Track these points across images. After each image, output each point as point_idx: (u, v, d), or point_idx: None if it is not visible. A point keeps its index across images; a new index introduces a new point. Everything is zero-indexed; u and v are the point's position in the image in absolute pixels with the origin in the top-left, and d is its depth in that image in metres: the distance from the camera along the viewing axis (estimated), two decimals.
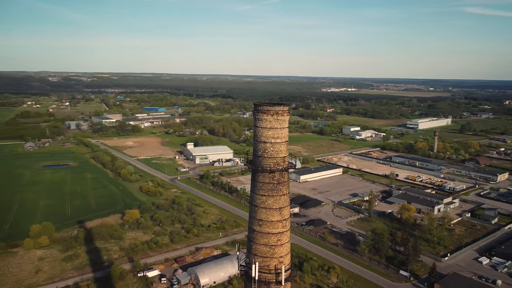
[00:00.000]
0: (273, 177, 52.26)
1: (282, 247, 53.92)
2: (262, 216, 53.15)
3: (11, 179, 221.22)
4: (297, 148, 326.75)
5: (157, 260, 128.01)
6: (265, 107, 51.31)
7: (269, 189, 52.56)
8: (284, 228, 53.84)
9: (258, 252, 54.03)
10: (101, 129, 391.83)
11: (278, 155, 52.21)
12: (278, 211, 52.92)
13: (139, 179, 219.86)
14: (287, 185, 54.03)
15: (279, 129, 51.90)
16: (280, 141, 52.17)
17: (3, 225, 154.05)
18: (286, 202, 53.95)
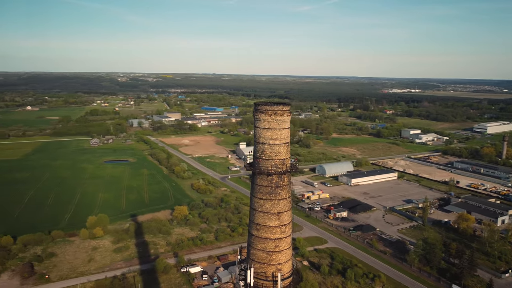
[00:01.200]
0: (271, 180, 50.50)
1: (281, 254, 51.93)
2: (260, 221, 51.57)
3: (76, 172, 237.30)
4: (351, 150, 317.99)
5: (201, 256, 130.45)
6: (263, 106, 49.78)
7: (266, 193, 50.85)
8: (283, 234, 51.73)
9: (256, 258, 52.27)
10: (161, 127, 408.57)
11: (276, 157, 50.37)
12: (276, 216, 51.02)
13: (191, 177, 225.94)
14: (288, 189, 51.75)
15: (277, 129, 50.06)
16: (279, 143, 50.30)
17: (65, 215, 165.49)
18: (285, 207, 51.76)
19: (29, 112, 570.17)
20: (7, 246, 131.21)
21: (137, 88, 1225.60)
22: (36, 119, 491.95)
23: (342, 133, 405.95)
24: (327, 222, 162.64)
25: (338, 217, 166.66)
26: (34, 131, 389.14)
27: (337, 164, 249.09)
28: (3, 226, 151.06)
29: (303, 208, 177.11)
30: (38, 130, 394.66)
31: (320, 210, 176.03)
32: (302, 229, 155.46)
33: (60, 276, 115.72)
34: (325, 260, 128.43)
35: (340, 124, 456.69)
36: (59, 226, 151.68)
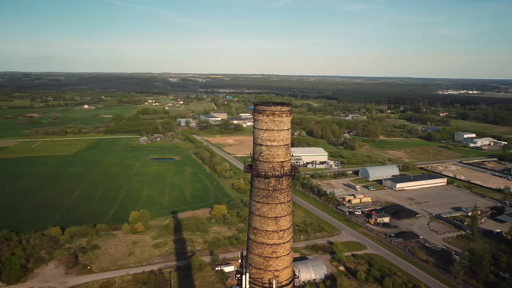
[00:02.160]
0: (268, 183, 48.88)
1: (278, 260, 50.11)
2: (257, 224, 50.10)
3: (124, 169, 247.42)
4: (398, 153, 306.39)
5: (236, 256, 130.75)
6: (260, 106, 48.34)
7: (264, 196, 49.28)
8: (280, 240, 49.87)
9: (253, 263, 50.71)
10: (207, 126, 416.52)
11: (274, 160, 48.69)
12: (274, 221, 49.29)
13: (233, 176, 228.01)
14: (287, 193, 49.84)
15: (275, 131, 48.42)
16: (277, 144, 48.58)
17: (110, 210, 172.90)
18: (284, 211, 49.87)
19: (86, 110, 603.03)
20: (56, 236, 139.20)
21: (187, 88, 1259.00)
22: (92, 117, 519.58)
23: (390, 136, 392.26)
24: (368, 227, 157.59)
25: (379, 222, 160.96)
26: (89, 129, 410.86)
27: (382, 168, 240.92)
28: (54, 217, 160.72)
29: (343, 212, 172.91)
30: (92, 128, 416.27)
31: (361, 215, 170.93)
32: (340, 233, 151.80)
33: (101, 268, 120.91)
34: (362, 267, 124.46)
35: (388, 126, 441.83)
36: (104, 219, 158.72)
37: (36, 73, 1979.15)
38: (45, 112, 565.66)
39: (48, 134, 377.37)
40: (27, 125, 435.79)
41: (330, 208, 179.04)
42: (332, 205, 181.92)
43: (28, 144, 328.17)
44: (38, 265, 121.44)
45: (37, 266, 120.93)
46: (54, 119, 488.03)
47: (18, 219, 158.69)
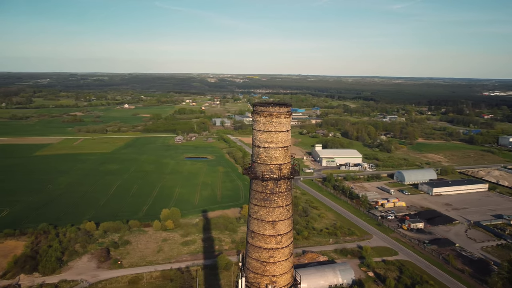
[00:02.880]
0: (266, 186, 47.71)
1: (275, 266, 48.72)
2: (254, 228, 49.01)
3: (158, 167, 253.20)
4: (437, 157, 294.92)
5: None
6: (258, 107, 47.23)
7: (261, 199, 48.15)
8: (278, 245, 48.42)
9: (250, 267, 49.61)
10: (241, 126, 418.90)
11: (271, 162, 47.45)
12: (271, 225, 47.98)
13: None
14: (286, 196, 48.39)
15: (273, 132, 47.13)
16: (275, 146, 47.29)
17: (143, 207, 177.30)
18: (282, 215, 48.43)
19: (126, 109, 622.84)
20: (91, 231, 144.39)
21: (225, 88, 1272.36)
22: (131, 116, 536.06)
23: (429, 138, 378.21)
24: (400, 232, 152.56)
25: (413, 228, 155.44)
26: (128, 127, 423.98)
27: (418, 171, 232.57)
28: (90, 212, 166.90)
29: (375, 216, 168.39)
30: (131, 127, 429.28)
31: (394, 219, 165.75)
32: (371, 237, 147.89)
33: (131, 263, 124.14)
34: (392, 273, 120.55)
35: (428, 129, 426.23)
36: (136, 216, 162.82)
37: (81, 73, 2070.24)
38: (88, 111, 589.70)
39: (90, 132, 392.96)
40: (71, 123, 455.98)
41: (362, 212, 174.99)
42: (364, 208, 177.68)
43: (70, 142, 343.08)
44: (72, 258, 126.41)
45: (71, 259, 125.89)
46: (96, 117, 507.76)
47: (57, 213, 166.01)
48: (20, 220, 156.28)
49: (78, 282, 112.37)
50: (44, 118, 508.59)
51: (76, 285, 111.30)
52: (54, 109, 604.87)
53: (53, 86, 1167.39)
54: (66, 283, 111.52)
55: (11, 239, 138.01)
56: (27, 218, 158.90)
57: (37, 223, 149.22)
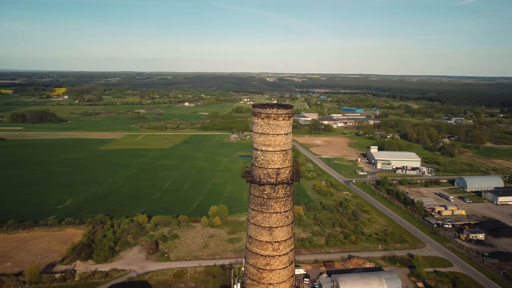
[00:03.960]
0: (263, 191, 45.55)
1: (272, 274, 46.42)
2: (252, 233, 47.12)
3: (212, 164, 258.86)
4: (506, 163, 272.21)
5: (307, 259, 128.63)
6: (256, 109, 45.27)
7: (258, 204, 46.11)
8: (275, 252, 46.04)
9: (248, 273, 47.85)
10: (296, 126, 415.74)
11: (269, 166, 45.19)
12: (268, 231, 45.76)
13: (315, 177, 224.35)
14: (284, 202, 46.19)
15: (271, 135, 44.86)
16: (272, 150, 44.90)
17: (194, 203, 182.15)
18: (280, 222, 45.98)
19: (186, 108, 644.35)
20: (143, 223, 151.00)
21: (283, 87, 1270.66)
22: (191, 114, 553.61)
23: (499, 143, 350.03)
24: (457, 243, 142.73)
25: (472, 239, 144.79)
26: (186, 125, 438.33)
27: (482, 178, 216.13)
28: (144, 205, 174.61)
29: (430, 224, 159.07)
30: (190, 124, 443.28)
31: (451, 228, 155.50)
32: (424, 246, 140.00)
33: (177, 257, 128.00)
34: (444, 286, 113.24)
35: (498, 132, 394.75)
36: (186, 211, 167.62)
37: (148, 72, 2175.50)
38: (151, 108, 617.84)
39: (151, 129, 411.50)
40: (134, 120, 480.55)
41: (416, 219, 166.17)
42: (419, 215, 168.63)
43: (132, 137, 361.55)
44: (124, 248, 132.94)
45: (123, 249, 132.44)
46: (158, 115, 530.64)
47: (114, 204, 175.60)
48: (81, 210, 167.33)
49: (127, 272, 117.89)
50: (111, 114, 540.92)
51: (125, 274, 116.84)
52: (120, 106, 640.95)
53: (122, 84, 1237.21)
54: (116, 272, 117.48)
55: (72, 227, 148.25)
56: (87, 208, 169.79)
57: (95, 214, 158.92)
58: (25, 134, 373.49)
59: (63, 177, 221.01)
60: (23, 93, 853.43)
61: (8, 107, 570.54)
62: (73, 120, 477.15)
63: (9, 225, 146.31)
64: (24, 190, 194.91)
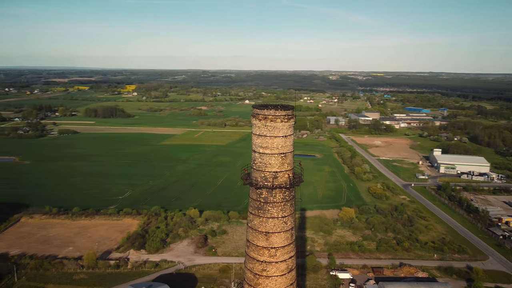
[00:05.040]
0: (260, 194, 43.39)
1: (269, 280, 44.09)
2: (249, 237, 45.19)
3: None
4: None
5: (355, 263, 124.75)
6: (255, 109, 43.11)
7: (255, 207, 44.06)
8: (272, 258, 43.57)
9: (246, 278, 46.37)
10: (355, 126, 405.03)
11: (266, 169, 42.82)
12: (264, 236, 43.44)
13: (371, 179, 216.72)
14: (282, 207, 43.96)
15: (268, 137, 42.47)
16: (270, 152, 42.40)
17: (245, 200, 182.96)
18: (277, 227, 43.42)
19: (246, 105, 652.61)
20: (194, 217, 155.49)
21: (346, 86, 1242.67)
22: (250, 111, 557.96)
23: None
24: None
25: None
26: (245, 122, 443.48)
27: None
28: (197, 200, 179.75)
29: (495, 235, 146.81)
30: (248, 122, 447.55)
31: None
32: (486, 259, 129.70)
33: (224, 253, 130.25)
34: None
35: None
36: (237, 208, 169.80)
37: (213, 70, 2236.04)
38: (212, 105, 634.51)
39: (210, 126, 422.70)
40: (196, 116, 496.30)
41: (479, 228, 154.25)
42: (483, 224, 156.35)
43: (192, 133, 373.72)
44: (174, 240, 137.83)
45: (173, 241, 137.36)
46: (218, 112, 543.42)
47: (169, 198, 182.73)
48: (139, 201, 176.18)
49: (176, 264, 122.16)
50: (174, 111, 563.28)
51: (174, 266, 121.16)
52: (184, 103, 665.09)
53: (187, 82, 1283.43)
54: (165, 263, 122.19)
55: (129, 217, 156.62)
56: (144, 200, 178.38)
57: (151, 205, 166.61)
58: (95, 128, 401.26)
59: (126, 169, 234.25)
60: (98, 89, 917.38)
61: (83, 103, 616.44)
62: (139, 116, 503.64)
63: (74, 212, 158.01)
64: (90, 180, 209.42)
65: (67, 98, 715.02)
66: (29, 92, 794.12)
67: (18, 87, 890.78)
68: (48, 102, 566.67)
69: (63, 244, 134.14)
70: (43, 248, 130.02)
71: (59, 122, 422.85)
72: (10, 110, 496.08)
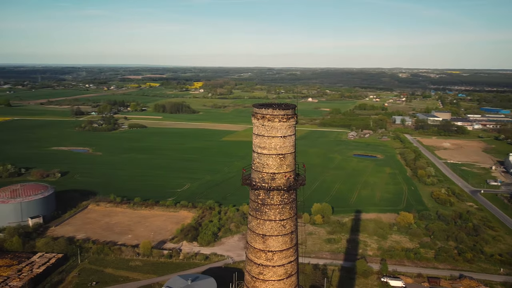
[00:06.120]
0: (258, 195, 41.27)
1: (265, 284, 41.93)
2: (248, 238, 43.19)
3: (324, 161, 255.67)
4: None
5: (409, 271, 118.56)
6: (254, 108, 40.58)
7: (253, 209, 42.06)
8: (268, 262, 41.02)
9: (245, 280, 45.02)
10: (423, 126, 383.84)
11: (263, 170, 40.44)
12: (261, 238, 41.11)
13: (435, 184, 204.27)
14: (280, 210, 41.91)
15: (266, 137, 40.09)
16: (267, 153, 39.88)
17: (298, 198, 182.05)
18: (274, 230, 40.79)
19: (309, 103, 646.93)
20: (247, 213, 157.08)
21: (416, 84, 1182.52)
22: (312, 109, 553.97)
23: None
24: None
25: None
26: (306, 120, 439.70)
27: None
28: None
29: None
30: (309, 120, 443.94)
31: None
32: None
33: None
34: None
35: None
36: None
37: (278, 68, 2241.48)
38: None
39: None
40: None
41: None
42: None
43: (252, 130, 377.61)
44: (226, 235, 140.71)
45: (225, 235, 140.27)
46: None
47: (224, 193, 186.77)
48: (195, 194, 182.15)
49: (225, 258, 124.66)
50: (237, 108, 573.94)
51: (223, 259, 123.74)
52: (247, 100, 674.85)
53: (252, 79, 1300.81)
54: (215, 256, 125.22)
55: (185, 209, 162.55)
56: (201, 193, 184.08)
57: (207, 199, 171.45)
58: (162, 123, 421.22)
59: (186, 163, 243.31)
60: (168, 86, 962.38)
61: (153, 99, 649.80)
62: (204, 112, 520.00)
63: (136, 202, 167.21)
64: (153, 172, 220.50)
65: (139, 94, 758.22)
66: (106, 88, 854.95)
67: (97, 84, 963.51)
68: (122, 98, 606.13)
69: (123, 231, 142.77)
70: (105, 234, 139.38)
71: (130, 117, 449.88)
72: (88, 105, 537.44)
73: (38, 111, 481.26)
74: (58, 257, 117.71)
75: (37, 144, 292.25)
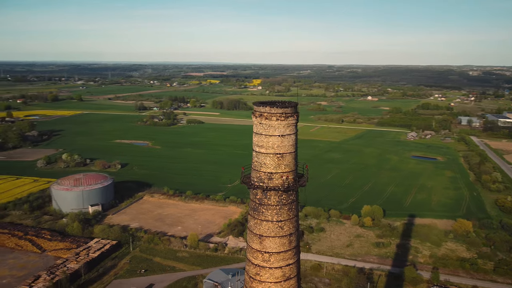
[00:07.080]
0: (255, 195, 39.32)
1: (262, 285, 39.97)
2: (247, 238, 40.97)
3: (380, 162, 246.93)
4: None
5: (463, 282, 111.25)
6: (254, 106, 38.26)
7: (251, 208, 40.37)
8: (265, 263, 38.87)
9: (245, 279, 44.04)
10: (492, 128, 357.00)
11: (261, 169, 38.44)
12: (258, 239, 39.04)
13: (501, 190, 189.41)
14: (278, 211, 40.31)
15: (263, 135, 37.98)
16: (265, 152, 37.62)
17: (349, 199, 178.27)
18: (271, 231, 38.51)
19: (368, 101, 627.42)
20: None
21: (489, 83, 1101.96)
22: (371, 108, 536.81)
23: None
24: None
25: None
26: (364, 119, 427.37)
27: None
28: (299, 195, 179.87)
29: None
30: (367, 119, 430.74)
31: None
32: None
33: (318, 250, 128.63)
34: None
35: None
36: (340, 207, 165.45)
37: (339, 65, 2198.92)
38: (332, 101, 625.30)
39: (327, 121, 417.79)
40: (314, 111, 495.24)
41: None
42: None
43: (308, 128, 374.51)
44: None
45: None
46: (337, 107, 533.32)
47: None
48: (245, 191, 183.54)
49: None
50: None
51: None
52: (305, 97, 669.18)
53: (311, 77, 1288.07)
54: None
55: (233, 205, 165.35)
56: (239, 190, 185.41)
57: None
58: (219, 119, 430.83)
59: (238, 159, 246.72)
60: (227, 83, 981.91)
61: (213, 95, 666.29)
62: None
63: (187, 195, 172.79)
64: (206, 167, 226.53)
65: (199, 90, 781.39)
66: (169, 85, 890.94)
67: (161, 80, 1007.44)
68: (182, 94, 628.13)
69: (173, 223, 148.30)
70: (157, 225, 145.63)
71: (189, 112, 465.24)
72: (151, 100, 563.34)
73: (106, 106, 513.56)
74: (112, 244, 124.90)
75: (102, 136, 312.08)
